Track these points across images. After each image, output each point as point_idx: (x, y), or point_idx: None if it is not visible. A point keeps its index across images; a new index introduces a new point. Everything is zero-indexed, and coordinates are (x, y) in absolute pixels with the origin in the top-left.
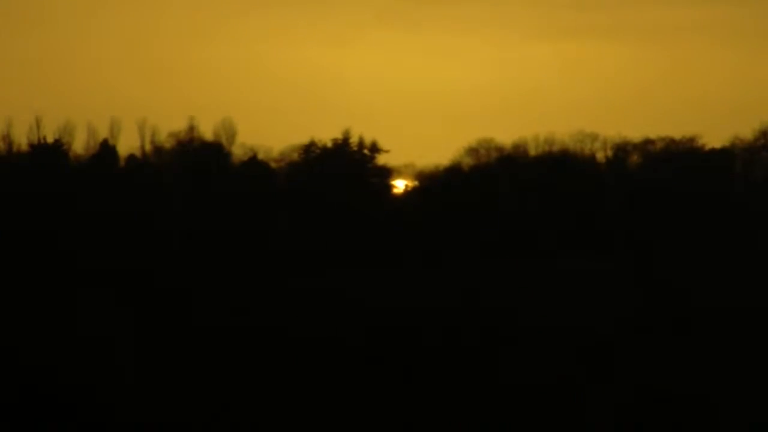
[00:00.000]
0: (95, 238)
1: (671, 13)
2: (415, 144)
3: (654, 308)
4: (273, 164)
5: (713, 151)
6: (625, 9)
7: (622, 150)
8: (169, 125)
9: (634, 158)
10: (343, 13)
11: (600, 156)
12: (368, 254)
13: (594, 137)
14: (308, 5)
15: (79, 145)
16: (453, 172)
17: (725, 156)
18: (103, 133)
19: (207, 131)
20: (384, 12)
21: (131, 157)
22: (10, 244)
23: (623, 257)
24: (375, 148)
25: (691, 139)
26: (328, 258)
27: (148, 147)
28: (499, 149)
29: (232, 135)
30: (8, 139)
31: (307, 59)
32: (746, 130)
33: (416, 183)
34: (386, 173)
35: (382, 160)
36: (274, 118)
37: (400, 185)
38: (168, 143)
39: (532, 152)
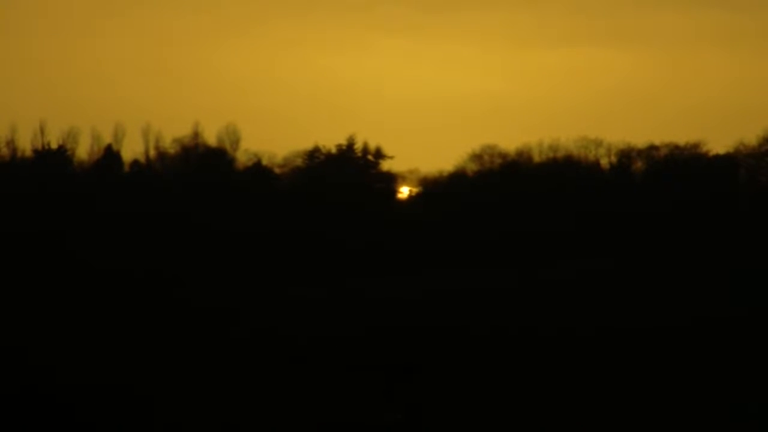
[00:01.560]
0: (98, 241)
1: (675, 20)
2: (419, 150)
3: (657, 313)
4: (277, 170)
5: (717, 157)
6: (629, 16)
7: (626, 156)
8: (173, 131)
9: (639, 164)
10: (347, 21)
11: (604, 162)
12: (372, 258)
13: (598, 143)
14: (312, 13)
15: (83, 150)
16: (457, 178)
17: (729, 162)
18: (107, 139)
19: (211, 137)
20: (388, 20)
21: (135, 163)
22: (14, 247)
23: (627, 262)
24: (379, 154)
25: (696, 145)
26: (331, 262)
27: (152, 152)
28: (503, 155)
29: (236, 141)
30: (12, 145)
31: (311, 66)
32: (750, 136)
33: (420, 189)
34: (390, 179)
35: (386, 166)
36: (278, 123)
37: (404, 191)
38: (172, 149)
39: (537, 158)
